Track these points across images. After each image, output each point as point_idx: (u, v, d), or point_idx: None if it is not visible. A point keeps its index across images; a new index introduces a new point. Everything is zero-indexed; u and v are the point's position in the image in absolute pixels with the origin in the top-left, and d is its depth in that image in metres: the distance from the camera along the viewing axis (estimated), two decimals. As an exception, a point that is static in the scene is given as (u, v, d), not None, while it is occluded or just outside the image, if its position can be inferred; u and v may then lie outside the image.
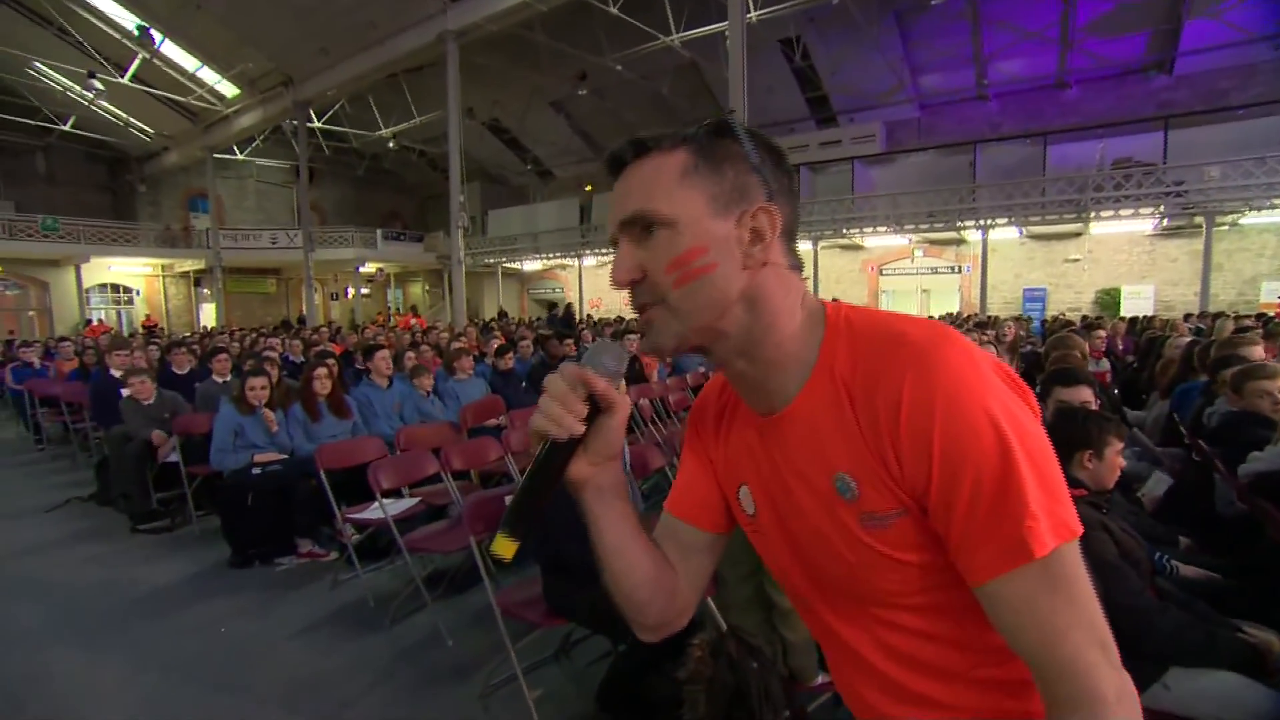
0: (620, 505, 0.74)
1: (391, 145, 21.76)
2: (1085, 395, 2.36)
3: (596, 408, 0.68)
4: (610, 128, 21.49)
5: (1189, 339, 4.66)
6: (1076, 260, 16.47)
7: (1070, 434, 1.83)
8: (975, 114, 17.22)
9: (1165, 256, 15.45)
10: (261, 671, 2.69)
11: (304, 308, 21.84)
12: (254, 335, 11.76)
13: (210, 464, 3.98)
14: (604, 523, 0.73)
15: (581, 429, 0.67)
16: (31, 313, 21.61)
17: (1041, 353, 4.72)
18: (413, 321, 18.02)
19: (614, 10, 12.87)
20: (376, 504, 3.15)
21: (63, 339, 11.49)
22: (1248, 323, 7.92)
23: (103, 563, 3.91)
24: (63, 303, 21.53)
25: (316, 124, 19.62)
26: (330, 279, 26.14)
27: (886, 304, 17.71)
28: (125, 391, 4.95)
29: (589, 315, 19.85)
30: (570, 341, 7.17)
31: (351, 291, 25.66)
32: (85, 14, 16.22)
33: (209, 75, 18.58)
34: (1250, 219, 13.77)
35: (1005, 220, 15.17)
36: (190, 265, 23.38)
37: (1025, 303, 16.49)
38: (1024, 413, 0.58)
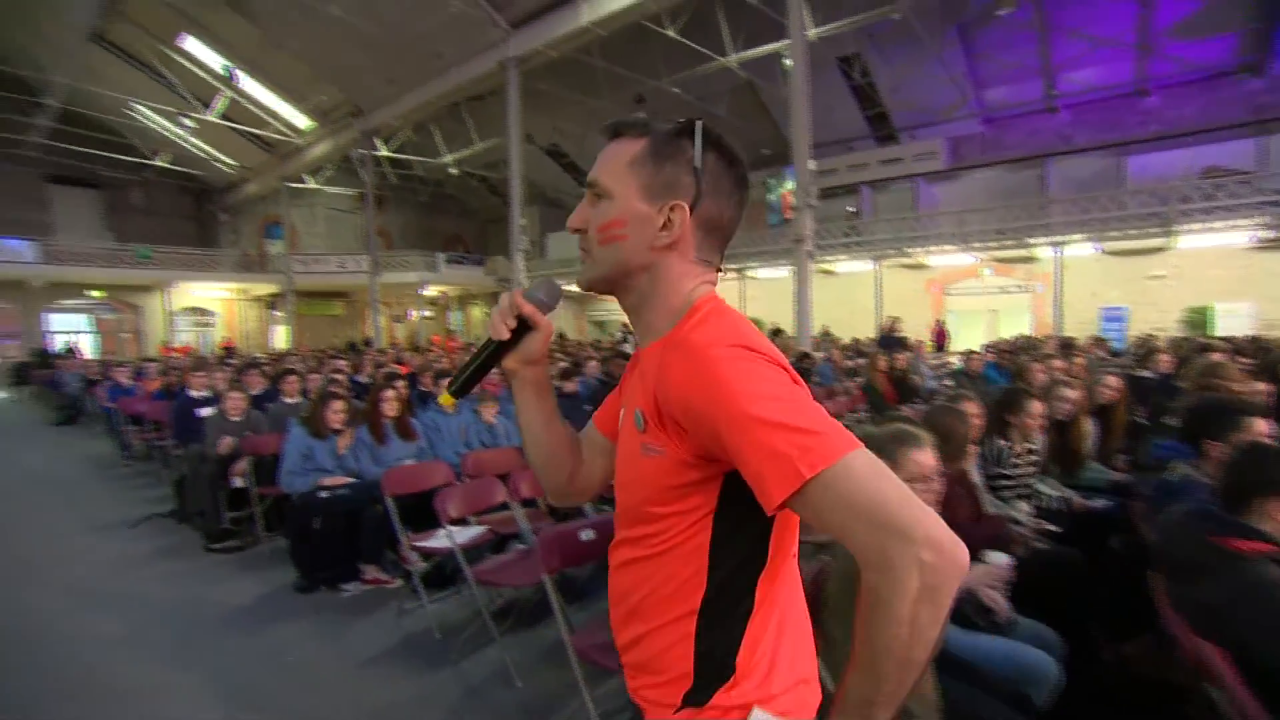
0: (534, 398, 1.00)
1: (454, 171, 22.41)
2: (1260, 429, 2.08)
3: (528, 325, 0.93)
4: (666, 150, 21.58)
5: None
6: (1161, 277, 15.46)
7: (1253, 478, 1.58)
8: (1044, 126, 16.54)
9: (1265, 271, 14.32)
10: (330, 702, 2.63)
11: (369, 330, 22.57)
12: (320, 356, 12.13)
13: (279, 485, 4.01)
14: (520, 407, 1.01)
15: (507, 335, 0.92)
16: (126, 335, 23.18)
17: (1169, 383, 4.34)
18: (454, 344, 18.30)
19: (672, 33, 12.94)
20: (443, 532, 3.09)
21: (149, 359, 12.14)
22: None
23: (177, 581, 3.99)
24: (152, 325, 23.01)
25: (383, 152, 20.39)
26: (394, 301, 27.00)
27: (952, 325, 17.00)
28: (205, 411, 5.12)
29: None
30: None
31: (415, 314, 26.40)
32: (178, 57, 17.40)
33: (285, 109, 19.62)
34: (1363, 229, 12.66)
35: (1081, 236, 14.40)
36: (264, 289, 24.58)
37: (1104, 323, 15.53)
38: (772, 384, 0.71)
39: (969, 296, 17.96)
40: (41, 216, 22.14)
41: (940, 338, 16.00)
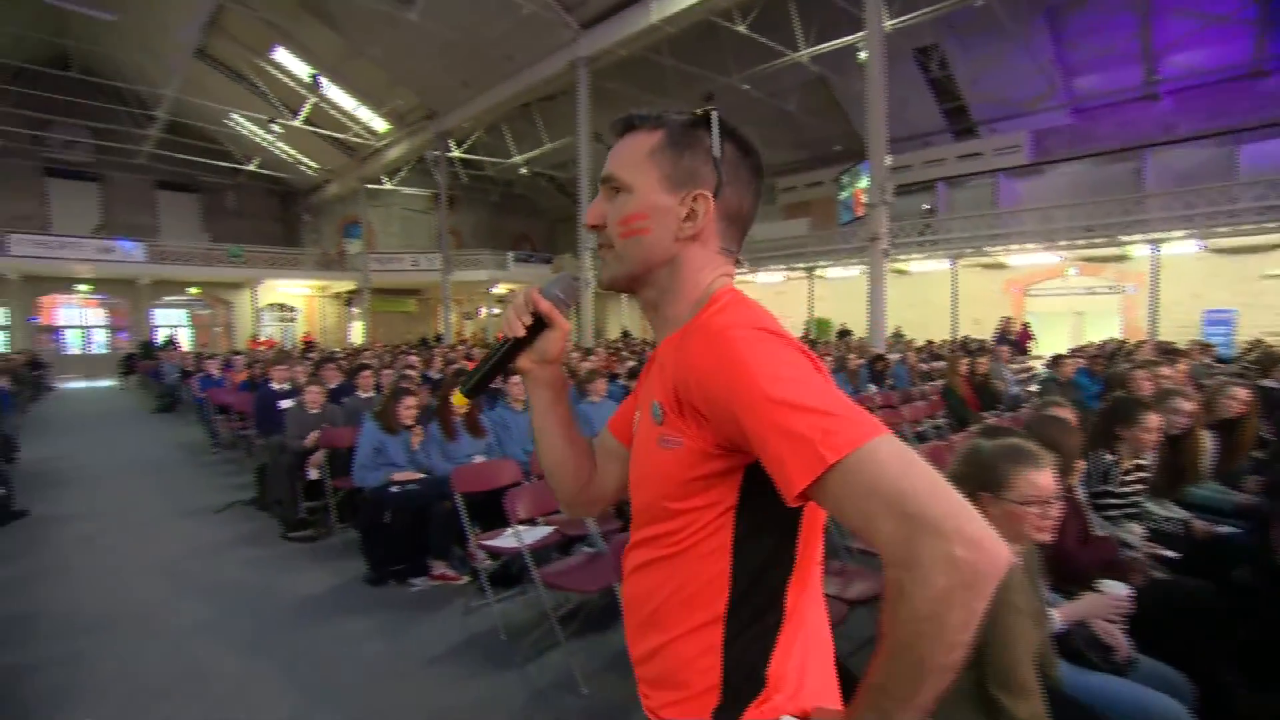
0: (548, 397, 0.99)
1: (523, 171, 22.78)
2: None
3: (544, 323, 0.92)
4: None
5: None
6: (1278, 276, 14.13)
7: None
8: (1142, 115, 15.37)
9: (1404, 271, 12.89)
10: (395, 702, 2.64)
11: (440, 326, 23.25)
12: (394, 352, 12.53)
13: (353, 479, 4.10)
14: (535, 408, 1.00)
15: (523, 332, 0.91)
16: (218, 329, 24.81)
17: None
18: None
19: (742, 29, 12.71)
20: (511, 531, 3.07)
21: (237, 352, 12.84)
22: None
23: (256, 568, 4.14)
24: (241, 320, 24.49)
25: (456, 153, 20.92)
26: (465, 299, 27.71)
27: (1035, 327, 16.04)
28: (285, 403, 5.31)
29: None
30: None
31: (484, 311, 27.03)
32: (269, 67, 18.42)
33: (364, 113, 20.44)
34: None
35: (1183, 232, 13.31)
36: (342, 286, 25.74)
37: (1206, 326, 14.32)
38: (794, 368, 0.68)
39: (1052, 298, 16.93)
40: (150, 220, 24.02)
41: (1024, 340, 15.15)
